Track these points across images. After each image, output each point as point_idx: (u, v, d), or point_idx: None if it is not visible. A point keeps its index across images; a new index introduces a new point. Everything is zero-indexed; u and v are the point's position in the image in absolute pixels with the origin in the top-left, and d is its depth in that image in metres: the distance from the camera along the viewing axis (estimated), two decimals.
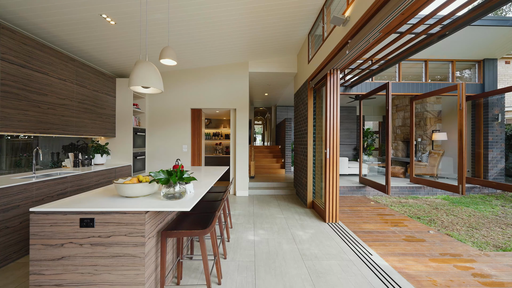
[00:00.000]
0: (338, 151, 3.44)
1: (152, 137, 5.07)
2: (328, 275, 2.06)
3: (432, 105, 6.86)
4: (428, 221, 3.53)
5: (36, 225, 1.42)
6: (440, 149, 6.39)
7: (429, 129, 6.78)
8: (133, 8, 2.74)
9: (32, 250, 1.42)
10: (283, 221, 3.49)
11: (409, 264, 2.29)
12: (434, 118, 6.78)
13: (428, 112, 6.87)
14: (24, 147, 3.22)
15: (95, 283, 1.43)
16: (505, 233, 3.09)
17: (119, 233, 1.43)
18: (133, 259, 1.43)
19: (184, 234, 1.59)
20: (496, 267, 2.24)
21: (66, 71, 3.27)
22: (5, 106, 2.44)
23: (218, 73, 5.09)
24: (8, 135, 2.91)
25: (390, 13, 1.93)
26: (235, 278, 2.02)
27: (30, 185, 2.45)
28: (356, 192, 5.27)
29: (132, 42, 3.53)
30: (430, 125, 6.82)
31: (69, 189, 2.97)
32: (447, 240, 2.85)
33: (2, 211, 2.16)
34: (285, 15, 3.37)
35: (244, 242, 2.75)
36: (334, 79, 3.43)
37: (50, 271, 1.42)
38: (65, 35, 3.13)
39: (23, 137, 3.18)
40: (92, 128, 3.80)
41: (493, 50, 5.26)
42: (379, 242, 2.80)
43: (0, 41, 2.40)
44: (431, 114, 6.82)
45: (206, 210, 2.12)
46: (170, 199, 1.59)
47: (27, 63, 2.69)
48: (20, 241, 2.34)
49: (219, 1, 2.81)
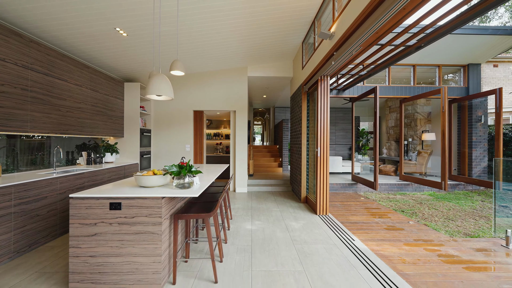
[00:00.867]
0: (328, 150, 3.79)
1: (157, 137, 5.42)
2: (314, 255, 2.41)
3: (422, 106, 7.21)
4: (410, 214, 3.88)
5: (74, 208, 1.76)
6: (429, 148, 6.74)
7: (419, 129, 7.13)
8: (144, 23, 3.09)
9: (71, 228, 1.77)
10: (278, 213, 3.84)
11: (385, 247, 2.64)
12: (424, 119, 7.13)
13: (418, 113, 7.23)
14: (38, 147, 3.54)
15: (121, 254, 1.77)
16: (477, 224, 3.45)
17: (141, 215, 1.78)
18: (152, 235, 1.78)
19: (192, 217, 1.93)
20: (459, 249, 2.59)
21: (81, 77, 3.61)
22: (33, 110, 2.79)
23: (219, 77, 5.44)
24: (24, 136, 3.21)
25: (366, 31, 2.28)
26: (234, 257, 2.37)
27: (55, 179, 2.80)
28: (348, 188, 5.62)
29: (141, 50, 3.88)
30: (420, 126, 7.18)
31: (86, 183, 3.31)
32: (423, 229, 3.20)
33: (33, 201, 2.51)
34: (281, 26, 3.72)
35: (243, 230, 3.10)
36: (324, 85, 3.78)
37: (86, 245, 1.77)
38: (82, 45, 3.48)
39: (37, 137, 3.49)
40: (103, 129, 4.15)
41: (476, 56, 5.61)
42: (362, 230, 3.15)
43: (30, 53, 2.75)
44: (421, 115, 7.18)
45: (209, 199, 2.46)
46: (181, 188, 1.93)
47: (50, 72, 3.04)
48: (47, 227, 2.68)
49: (220, 16, 3.16)
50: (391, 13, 1.93)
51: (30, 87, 2.75)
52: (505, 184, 4.44)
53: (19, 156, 3.22)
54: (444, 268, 2.20)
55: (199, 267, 2.17)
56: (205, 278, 2.00)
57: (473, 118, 5.73)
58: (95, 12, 2.77)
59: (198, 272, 2.09)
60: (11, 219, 2.28)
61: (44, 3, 2.51)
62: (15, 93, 2.57)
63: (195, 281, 1.96)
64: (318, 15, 3.51)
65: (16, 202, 2.32)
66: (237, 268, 2.16)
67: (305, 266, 2.20)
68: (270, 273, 2.08)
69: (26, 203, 2.43)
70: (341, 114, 9.37)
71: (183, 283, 1.93)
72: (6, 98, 2.48)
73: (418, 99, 5.35)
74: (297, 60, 5.03)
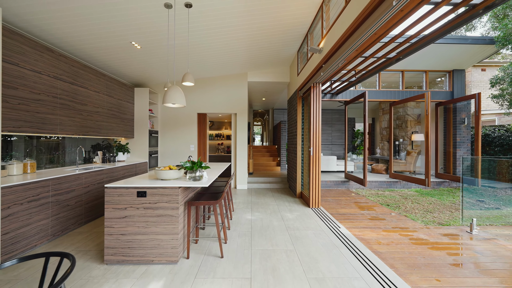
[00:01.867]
0: (320, 150, 4.21)
1: (164, 138, 5.85)
2: (304, 239, 2.84)
3: (412, 109, 7.64)
4: (394, 207, 4.31)
5: (108, 195, 2.19)
6: (417, 148, 7.17)
7: (410, 130, 7.57)
8: (156, 37, 3.52)
9: (106, 212, 2.20)
10: (275, 207, 4.27)
11: (366, 233, 3.07)
12: (414, 121, 7.57)
13: (408, 115, 7.66)
14: (55, 147, 3.90)
15: (146, 233, 2.20)
16: (452, 215, 3.87)
17: (162, 201, 2.20)
18: (171, 217, 2.21)
19: (202, 203, 2.36)
20: (429, 234, 3.02)
21: (99, 84, 4.04)
22: (61, 114, 3.22)
23: (221, 82, 5.87)
24: (43, 136, 3.55)
25: (348, 48, 2.71)
26: (236, 240, 2.79)
27: (81, 175, 3.23)
28: (341, 186, 6.05)
29: (151, 60, 4.31)
30: (410, 127, 7.61)
31: (105, 179, 3.74)
32: (402, 219, 3.63)
33: (65, 193, 2.94)
34: (278, 38, 4.15)
35: (243, 220, 3.53)
36: (316, 91, 4.21)
37: (117, 225, 2.20)
38: (101, 57, 3.91)
39: (54, 138, 3.83)
40: (117, 131, 4.58)
41: (460, 63, 6.04)
42: (349, 220, 3.58)
43: (59, 65, 3.18)
44: (411, 117, 7.61)
45: (215, 191, 2.89)
46: (193, 180, 2.36)
47: (74, 81, 3.47)
48: (75, 216, 3.11)
49: (223, 32, 3.59)
50: (367, 36, 2.35)
51: (59, 95, 3.19)
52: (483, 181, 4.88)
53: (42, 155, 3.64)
54: (412, 248, 2.63)
55: (207, 247, 2.60)
56: (213, 254, 2.43)
57: (457, 120, 6.16)
58: (116, 30, 3.20)
59: (207, 250, 2.52)
60: (49, 207, 2.71)
61: (73, 23, 2.94)
62: (48, 100, 3.00)
63: (204, 256, 2.39)
64: (311, 29, 3.95)
65: (52, 193, 2.75)
66: (239, 248, 2.59)
67: (296, 246, 2.63)
68: (266, 251, 2.51)
69: (59, 194, 2.86)
70: (337, 115, 9.79)
71: (195, 258, 2.35)
72: (41, 105, 2.91)
73: (405, 102, 5.78)
74: (293, 66, 5.46)
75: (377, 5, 1.93)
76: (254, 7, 3.05)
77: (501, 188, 5.40)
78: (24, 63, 2.68)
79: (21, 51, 2.64)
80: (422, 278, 2.06)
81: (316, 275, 2.05)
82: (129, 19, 2.99)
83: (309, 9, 3.37)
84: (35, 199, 2.53)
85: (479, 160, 5.12)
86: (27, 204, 2.44)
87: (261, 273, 2.08)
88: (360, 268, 2.18)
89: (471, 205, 4.51)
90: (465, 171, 6.21)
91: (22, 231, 2.39)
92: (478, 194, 5.31)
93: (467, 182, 5.34)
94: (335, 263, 2.26)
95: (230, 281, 1.97)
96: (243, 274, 2.07)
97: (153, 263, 2.21)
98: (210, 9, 2.97)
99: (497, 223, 3.49)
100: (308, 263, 2.26)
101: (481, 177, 5.27)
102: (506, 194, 5.13)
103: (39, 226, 2.58)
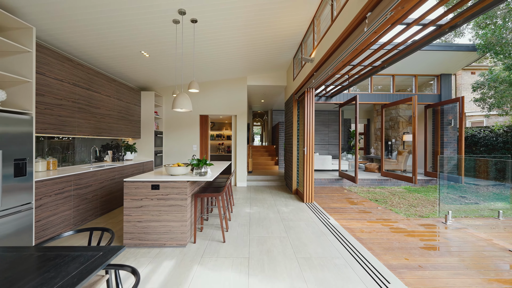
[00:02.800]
0: (313, 149, 4.58)
1: (168, 138, 6.21)
2: (296, 228, 3.21)
3: (404, 110, 8.02)
4: (382, 202, 4.67)
5: (127, 188, 2.56)
6: (408, 148, 7.54)
7: (401, 131, 7.94)
8: (164, 47, 3.88)
9: (125, 202, 2.56)
10: (272, 202, 4.63)
11: (352, 223, 3.44)
12: (405, 122, 7.94)
13: (400, 116, 8.04)
14: (67, 146, 4.24)
15: (159, 220, 2.57)
16: (433, 209, 4.24)
17: (173, 193, 2.57)
18: (180, 207, 2.57)
19: (207, 195, 2.73)
20: (408, 225, 3.39)
21: (110, 89, 4.40)
22: (79, 117, 3.58)
23: (222, 86, 6.23)
24: (56, 137, 3.91)
25: (334, 60, 3.07)
26: (236, 229, 3.16)
27: (97, 172, 3.59)
28: (335, 183, 6.42)
29: (157, 66, 4.67)
30: (402, 128, 7.99)
31: (116, 176, 4.11)
32: (387, 212, 4.00)
33: (84, 187, 3.31)
34: (275, 46, 4.51)
35: (243, 213, 3.90)
36: (310, 96, 4.57)
37: (134, 214, 2.56)
38: (113, 64, 4.27)
39: (66, 138, 4.14)
40: (125, 132, 4.94)
41: (447, 67, 6.42)
42: (338, 213, 3.95)
43: (77, 73, 3.54)
44: (403, 118, 7.99)
45: (217, 185, 3.26)
46: (199, 175, 2.73)
47: (89, 87, 3.83)
48: (92, 208, 3.48)
49: (224, 42, 3.95)
50: (349, 51, 2.72)
51: (77, 100, 3.55)
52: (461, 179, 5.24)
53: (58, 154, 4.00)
54: (390, 235, 3.00)
55: (211, 234, 2.97)
56: (216, 240, 2.80)
57: (445, 121, 6.53)
58: (129, 43, 3.57)
59: (210, 237, 2.88)
60: (71, 200, 3.07)
61: (92, 37, 3.30)
62: (68, 105, 3.37)
63: (209, 241, 2.75)
64: (305, 39, 4.31)
65: (74, 188, 3.12)
66: (239, 235, 2.95)
67: (289, 233, 3.00)
68: (263, 238, 2.87)
69: (79, 189, 3.22)
70: (333, 116, 10.15)
71: (201, 242, 2.72)
72: (62, 109, 3.27)
73: (395, 105, 6.15)
74: (289, 71, 5.83)
75: (353, 29, 2.29)
76: (252, 21, 3.42)
77: (484, 185, 5.78)
78: (50, 73, 3.04)
79: (47, 62, 3.00)
80: (393, 257, 2.43)
81: (304, 255, 2.42)
82: (141, 33, 3.35)
83: (302, 22, 3.73)
84: (60, 192, 2.90)
85: (462, 159, 5.49)
86: (54, 196, 2.80)
87: (258, 254, 2.45)
88: (343, 250, 2.54)
89: (453, 200, 4.89)
90: (451, 169, 6.59)
91: (51, 219, 2.75)
92: (462, 191, 5.69)
93: (451, 179, 5.72)
94: (321, 247, 2.63)
95: (231, 260, 2.33)
96: (242, 255, 2.44)
97: (165, 246, 2.58)
98: (213, 24, 3.34)
99: (471, 215, 3.86)
100: (298, 247, 2.63)
101: (464, 175, 5.64)
102: (488, 191, 5.51)
103: (63, 216, 2.94)
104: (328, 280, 2.00)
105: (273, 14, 3.30)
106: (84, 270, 0.97)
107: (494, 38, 4.82)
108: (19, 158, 2.30)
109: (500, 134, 6.30)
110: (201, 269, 2.18)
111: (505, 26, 4.74)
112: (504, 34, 4.75)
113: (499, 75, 5.49)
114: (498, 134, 6.37)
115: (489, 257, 2.46)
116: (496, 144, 6.42)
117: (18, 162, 2.29)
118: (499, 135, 6.33)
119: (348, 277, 2.04)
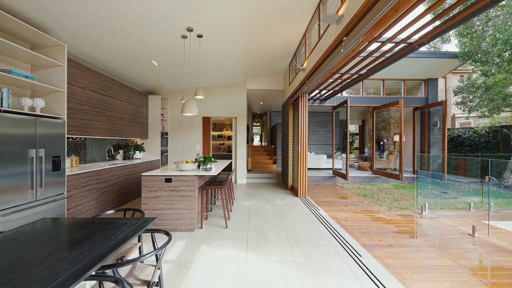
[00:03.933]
0: (307, 149, 5.04)
1: (173, 139, 6.67)
2: (289, 217, 3.67)
3: (395, 112, 8.48)
4: (369, 197, 5.13)
5: (144, 181, 3.02)
6: (398, 148, 8.00)
7: (392, 132, 8.40)
8: (171, 57, 4.34)
9: (143, 193, 3.02)
10: (269, 196, 5.09)
11: (339, 214, 3.90)
12: (396, 123, 8.40)
13: (392, 118, 8.50)
14: (80, 145, 4.69)
15: (171, 208, 3.02)
16: (414, 202, 4.70)
17: (183, 185, 3.03)
18: (189, 197, 3.03)
19: (211, 188, 3.19)
20: (388, 215, 3.85)
21: (122, 94, 4.86)
22: (97, 120, 4.04)
23: (223, 90, 6.69)
24: (70, 137, 4.38)
25: (322, 71, 3.52)
26: (237, 218, 3.62)
27: (113, 169, 4.05)
28: (329, 181, 6.88)
29: (164, 73, 5.13)
30: (393, 129, 8.45)
31: (129, 173, 4.56)
32: (372, 205, 4.45)
33: (103, 182, 3.76)
34: (271, 55, 4.97)
35: (243, 206, 4.35)
36: (304, 100, 5.03)
37: (151, 203, 3.02)
38: (125, 71, 4.73)
39: (79, 138, 4.57)
40: (135, 133, 5.39)
41: (433, 73, 6.88)
42: (328, 206, 4.41)
43: (95, 81, 4.00)
44: (394, 120, 8.45)
45: (220, 180, 3.71)
46: (205, 170, 3.18)
47: (105, 93, 4.29)
48: (109, 201, 3.93)
49: (225, 52, 4.41)
50: (334, 63, 3.17)
51: (95, 105, 4.01)
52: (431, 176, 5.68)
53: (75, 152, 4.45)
54: (370, 223, 3.46)
55: (215, 222, 3.43)
56: (219, 226, 3.26)
57: (431, 123, 6.99)
58: (141, 54, 4.02)
59: (214, 224, 3.34)
60: (93, 192, 3.53)
61: (109, 49, 3.75)
62: (88, 109, 3.82)
63: (213, 227, 3.21)
64: (298, 48, 4.77)
65: (95, 182, 3.58)
66: (239, 223, 3.41)
67: (282, 221, 3.46)
68: (260, 225, 3.33)
69: (99, 183, 3.68)
70: (329, 118, 10.60)
71: (207, 228, 3.18)
72: (84, 113, 3.72)
73: (384, 108, 6.61)
74: (286, 76, 6.28)
75: (334, 48, 2.75)
76: (251, 34, 3.88)
77: (466, 182, 6.25)
78: (74, 82, 3.50)
79: (72, 72, 3.46)
80: (369, 239, 2.89)
81: (294, 237, 2.88)
82: (153, 47, 3.81)
83: (296, 34, 4.19)
84: (85, 185, 3.36)
85: (445, 158, 5.95)
86: (80, 188, 3.26)
87: (255, 236, 2.91)
88: (327, 234, 3.00)
89: (435, 195, 5.35)
90: (437, 168, 7.06)
91: (78, 208, 3.21)
92: (445, 187, 6.15)
93: (436, 177, 6.17)
94: (309, 231, 3.09)
95: (233, 241, 2.79)
96: (242, 237, 2.89)
97: (176, 230, 3.04)
98: (216, 38, 3.80)
99: (446, 207, 4.32)
100: (289, 231, 3.08)
101: (447, 173, 6.10)
102: (468, 187, 5.97)
103: (87, 206, 3.40)
104: (312, 255, 2.46)
105: (270, 28, 3.75)
106: (135, 229, 1.43)
107: (472, 47, 5.28)
108: (56, 156, 2.76)
109: (482, 134, 6.76)
110: (208, 247, 2.63)
111: (482, 36, 5.20)
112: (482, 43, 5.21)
113: (475, 81, 5.95)
114: (480, 135, 6.83)
115: (449, 239, 2.92)
116: (479, 144, 6.88)
117: (55, 159, 2.75)
118: (482, 136, 6.79)
119: (328, 252, 2.50)
